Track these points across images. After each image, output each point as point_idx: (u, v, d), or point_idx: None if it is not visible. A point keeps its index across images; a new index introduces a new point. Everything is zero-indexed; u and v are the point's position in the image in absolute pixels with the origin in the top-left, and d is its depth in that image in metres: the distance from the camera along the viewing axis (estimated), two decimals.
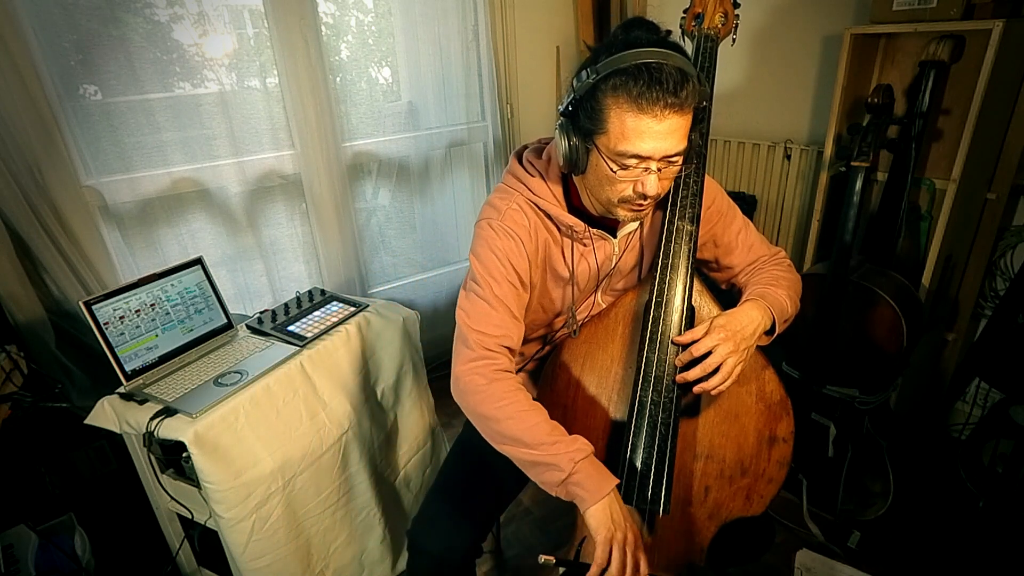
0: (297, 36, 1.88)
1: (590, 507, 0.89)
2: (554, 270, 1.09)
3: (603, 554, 0.87)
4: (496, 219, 1.03)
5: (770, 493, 1.00)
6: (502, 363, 0.99)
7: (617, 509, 0.90)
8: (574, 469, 0.89)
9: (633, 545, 0.88)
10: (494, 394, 0.96)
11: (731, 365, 0.93)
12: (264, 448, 1.28)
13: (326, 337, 1.49)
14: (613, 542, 0.87)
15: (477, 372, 0.97)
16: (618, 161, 0.90)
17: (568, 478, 0.90)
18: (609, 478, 0.91)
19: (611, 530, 0.87)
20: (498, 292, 1.00)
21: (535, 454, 0.92)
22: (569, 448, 0.91)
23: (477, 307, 1.00)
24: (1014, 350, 1.63)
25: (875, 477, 1.70)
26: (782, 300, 1.06)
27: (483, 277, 1.01)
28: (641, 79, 0.84)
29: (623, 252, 1.11)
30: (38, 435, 1.56)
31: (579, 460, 0.90)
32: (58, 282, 1.64)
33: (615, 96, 0.86)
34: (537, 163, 1.06)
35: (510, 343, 1.01)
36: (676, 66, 0.84)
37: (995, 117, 1.64)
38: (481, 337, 0.98)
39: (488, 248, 1.01)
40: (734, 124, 2.35)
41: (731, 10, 1.13)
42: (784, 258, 1.18)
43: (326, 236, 2.17)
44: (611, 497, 0.90)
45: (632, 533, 0.89)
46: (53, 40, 1.58)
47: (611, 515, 0.88)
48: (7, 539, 1.42)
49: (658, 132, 0.86)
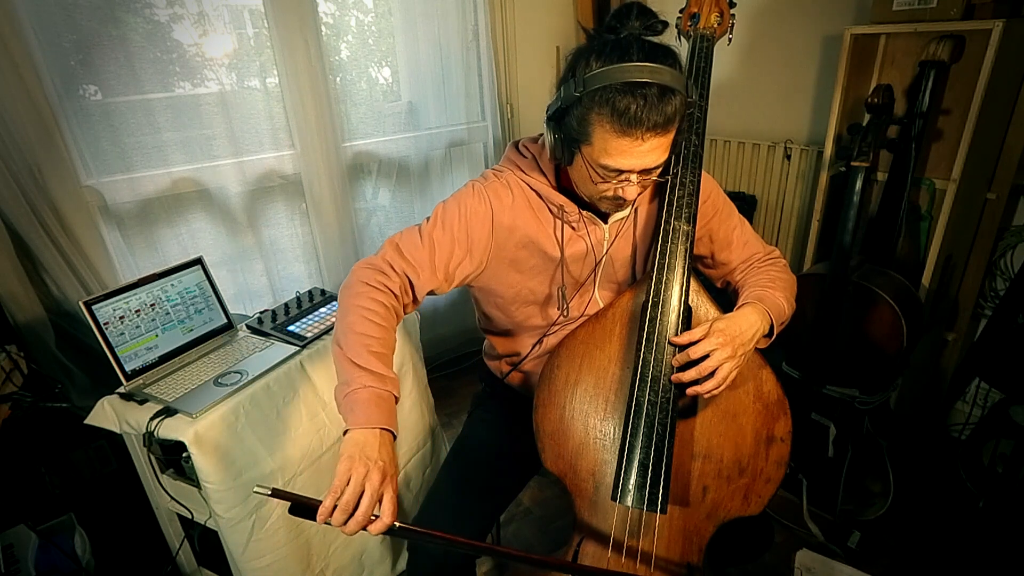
0: (297, 36, 1.88)
1: (350, 431, 0.83)
2: (542, 251, 1.08)
3: (340, 480, 0.77)
4: (480, 183, 1.06)
5: (768, 493, 1.00)
6: (393, 284, 0.99)
7: (375, 443, 0.82)
8: (359, 389, 0.86)
9: (377, 483, 0.78)
10: (361, 294, 0.96)
11: (727, 371, 0.93)
12: (264, 448, 1.28)
13: (326, 337, 1.49)
14: (353, 471, 0.78)
15: (367, 275, 0.98)
16: (599, 172, 0.92)
17: (350, 393, 0.86)
18: (387, 419, 0.86)
19: (355, 457, 0.79)
20: (435, 235, 1.02)
21: (344, 360, 0.89)
22: (372, 373, 0.88)
23: (410, 235, 1.03)
24: (1014, 350, 1.62)
25: (875, 477, 1.70)
26: (780, 303, 1.06)
27: (434, 218, 1.04)
28: (626, 99, 0.83)
29: (615, 238, 1.11)
30: (38, 435, 1.56)
31: (369, 385, 0.87)
32: (58, 282, 1.64)
33: (599, 113, 0.86)
34: (532, 147, 1.09)
35: (414, 279, 1.01)
36: (662, 84, 0.84)
37: (995, 117, 1.64)
38: (394, 256, 1.01)
39: (456, 201, 1.05)
40: (734, 124, 2.35)
41: (727, 10, 1.13)
42: (779, 257, 1.18)
43: (326, 236, 2.17)
44: (376, 433, 0.83)
45: (380, 472, 0.79)
46: (53, 40, 1.58)
47: (363, 445, 0.81)
48: (7, 539, 1.42)
49: (639, 152, 0.88)
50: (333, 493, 0.76)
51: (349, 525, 0.76)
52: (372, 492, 0.77)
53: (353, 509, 0.76)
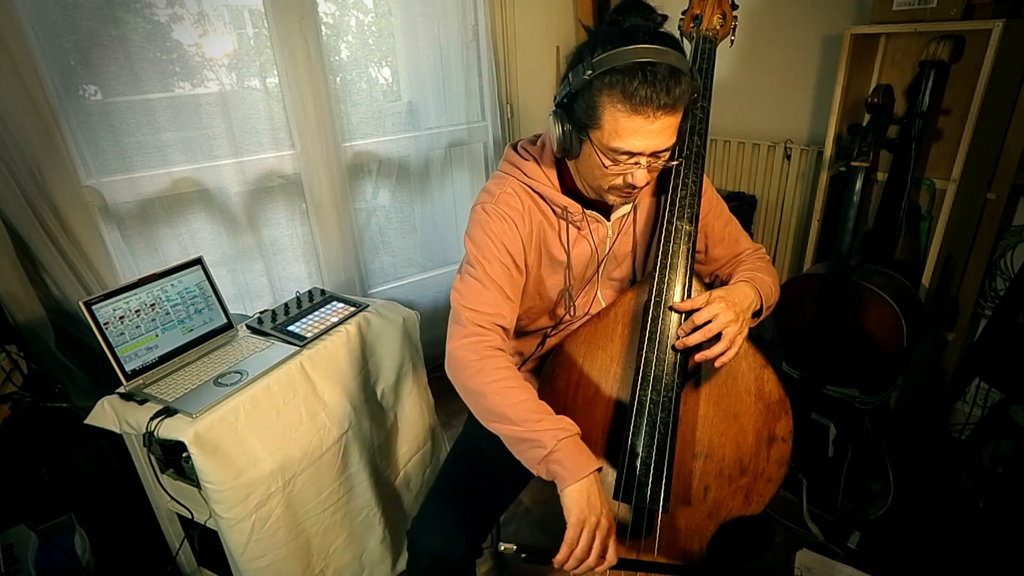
0: (297, 36, 1.88)
1: (568, 486, 0.88)
2: (550, 254, 1.10)
3: (574, 535, 0.86)
4: (490, 203, 1.05)
5: (769, 492, 1.00)
6: (494, 341, 1.00)
7: (595, 493, 0.89)
8: (556, 447, 0.89)
9: (605, 531, 0.87)
10: (484, 370, 0.97)
11: (732, 332, 0.93)
12: (264, 448, 1.28)
13: (326, 337, 1.49)
14: (585, 524, 0.86)
15: (469, 348, 0.98)
16: (609, 155, 0.93)
17: (550, 455, 0.89)
18: (591, 460, 0.91)
19: (584, 512, 0.87)
20: (491, 272, 1.02)
21: (519, 430, 0.92)
22: (553, 426, 0.91)
23: (471, 287, 1.02)
24: (1014, 350, 1.63)
25: (875, 477, 1.70)
26: (768, 285, 1.08)
27: (476, 258, 1.03)
28: (636, 79, 0.85)
29: (617, 236, 1.12)
30: (38, 435, 1.56)
31: (562, 439, 0.90)
32: (58, 282, 1.64)
33: (610, 95, 0.87)
34: (531, 149, 1.09)
35: (503, 322, 1.02)
36: (670, 65, 0.86)
37: (995, 117, 1.64)
38: (474, 315, 1.00)
39: (482, 230, 1.04)
40: (734, 124, 2.35)
41: (729, 11, 1.13)
42: (765, 254, 1.21)
43: (326, 236, 2.17)
44: (590, 479, 0.89)
45: (606, 520, 0.88)
46: (53, 40, 1.58)
47: (587, 497, 0.87)
48: (7, 539, 1.42)
49: (650, 131, 0.89)
50: (567, 545, 0.86)
51: (580, 570, 0.87)
52: (601, 543, 0.87)
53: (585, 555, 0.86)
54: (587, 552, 0.86)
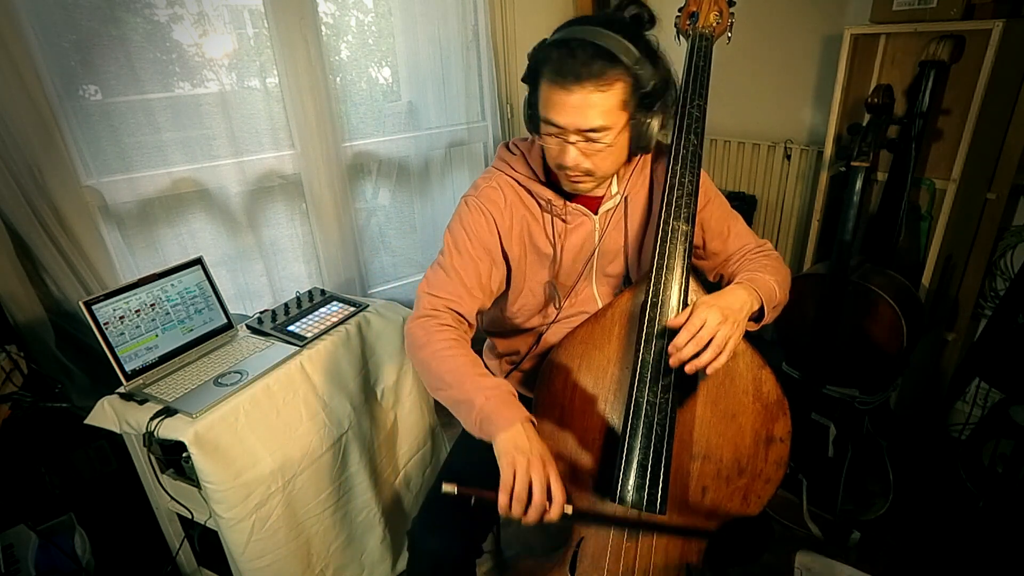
0: (297, 36, 1.88)
1: (497, 437, 0.87)
2: (535, 247, 1.11)
3: (507, 477, 0.84)
4: (472, 196, 1.10)
5: (768, 493, 1.00)
6: (446, 320, 1.04)
7: (523, 437, 0.87)
8: (484, 404, 0.90)
9: (540, 469, 0.84)
10: (430, 342, 1.00)
11: (722, 337, 0.90)
12: (264, 448, 1.28)
13: (326, 337, 1.49)
14: (516, 465, 0.84)
15: (420, 326, 1.03)
16: (544, 128, 0.97)
17: (479, 412, 0.90)
18: (519, 411, 0.90)
19: (512, 454, 0.85)
20: (456, 262, 1.07)
21: (455, 393, 0.94)
22: (484, 385, 0.93)
23: (436, 274, 1.09)
24: (1014, 350, 1.62)
25: (875, 477, 1.70)
26: (771, 285, 1.04)
27: (448, 248, 1.09)
28: (557, 52, 0.91)
29: (605, 230, 1.12)
30: (38, 435, 1.56)
31: (490, 396, 0.91)
32: (58, 282, 1.64)
33: (545, 67, 0.93)
34: (521, 145, 1.13)
35: (459, 308, 1.06)
36: (593, 42, 0.89)
37: (995, 117, 1.64)
38: (431, 299, 1.06)
39: (458, 222, 1.09)
40: (734, 124, 2.35)
41: (726, 9, 1.13)
42: (771, 249, 1.17)
43: (326, 236, 2.17)
44: (518, 428, 0.88)
45: (539, 459, 0.85)
46: (53, 40, 1.58)
47: (515, 442, 0.86)
48: (7, 539, 1.42)
49: (568, 103, 0.91)
50: (504, 490, 0.83)
51: (529, 514, 0.83)
52: (539, 480, 0.83)
53: (527, 499, 0.82)
54: (526, 491, 0.83)
